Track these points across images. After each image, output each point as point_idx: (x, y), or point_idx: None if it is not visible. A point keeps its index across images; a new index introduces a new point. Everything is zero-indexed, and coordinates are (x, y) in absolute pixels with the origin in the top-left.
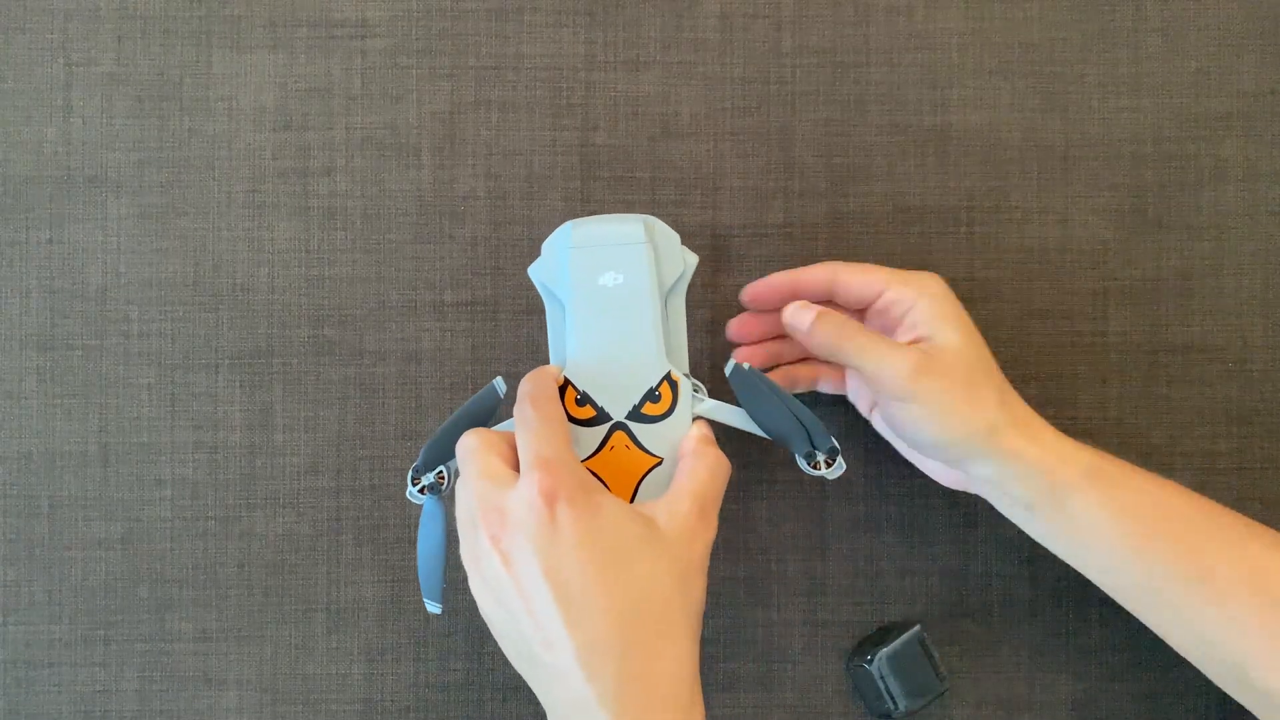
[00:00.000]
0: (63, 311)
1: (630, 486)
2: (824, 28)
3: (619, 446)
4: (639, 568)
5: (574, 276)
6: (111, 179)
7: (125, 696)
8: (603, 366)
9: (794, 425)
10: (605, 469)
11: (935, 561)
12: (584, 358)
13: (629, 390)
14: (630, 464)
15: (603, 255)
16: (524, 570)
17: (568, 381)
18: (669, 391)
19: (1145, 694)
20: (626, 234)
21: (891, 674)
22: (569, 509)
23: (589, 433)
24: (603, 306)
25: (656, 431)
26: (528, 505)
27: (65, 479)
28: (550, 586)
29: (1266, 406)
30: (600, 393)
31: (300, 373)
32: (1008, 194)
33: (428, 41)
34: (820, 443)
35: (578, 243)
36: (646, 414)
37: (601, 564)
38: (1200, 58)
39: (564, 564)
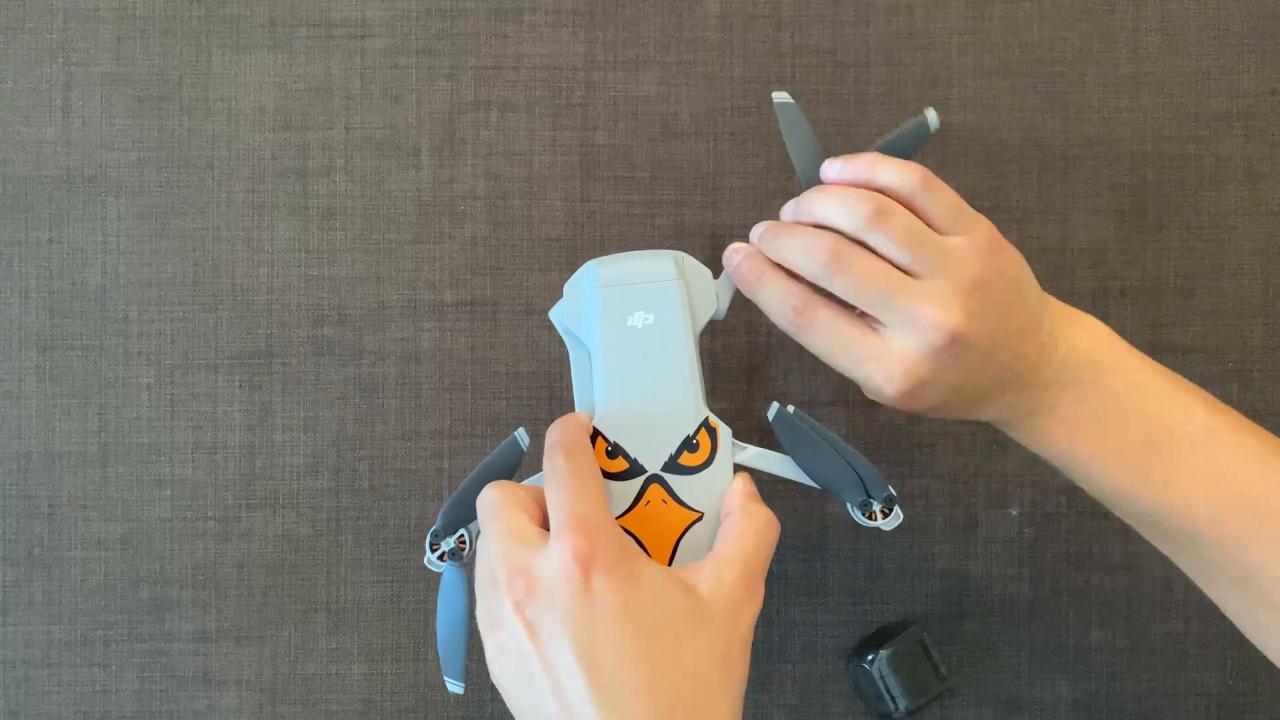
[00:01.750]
0: (62, 311)
1: (669, 546)
2: (824, 27)
3: (655, 501)
4: (681, 647)
5: (601, 317)
6: (111, 179)
7: (124, 697)
8: (635, 414)
9: (846, 472)
10: (641, 527)
11: (935, 561)
12: (614, 405)
13: (664, 439)
14: (668, 521)
15: (632, 294)
16: (553, 646)
17: (597, 432)
18: (707, 439)
19: (1145, 694)
20: (657, 271)
21: (892, 674)
22: (606, 579)
23: (622, 487)
24: (633, 349)
25: (696, 484)
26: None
27: (65, 479)
28: (583, 668)
29: (1267, 407)
30: (633, 443)
31: (300, 373)
32: (1007, 193)
33: (427, 41)
34: (876, 491)
35: (605, 281)
36: (684, 465)
37: (640, 642)
38: (1200, 57)
39: (599, 642)
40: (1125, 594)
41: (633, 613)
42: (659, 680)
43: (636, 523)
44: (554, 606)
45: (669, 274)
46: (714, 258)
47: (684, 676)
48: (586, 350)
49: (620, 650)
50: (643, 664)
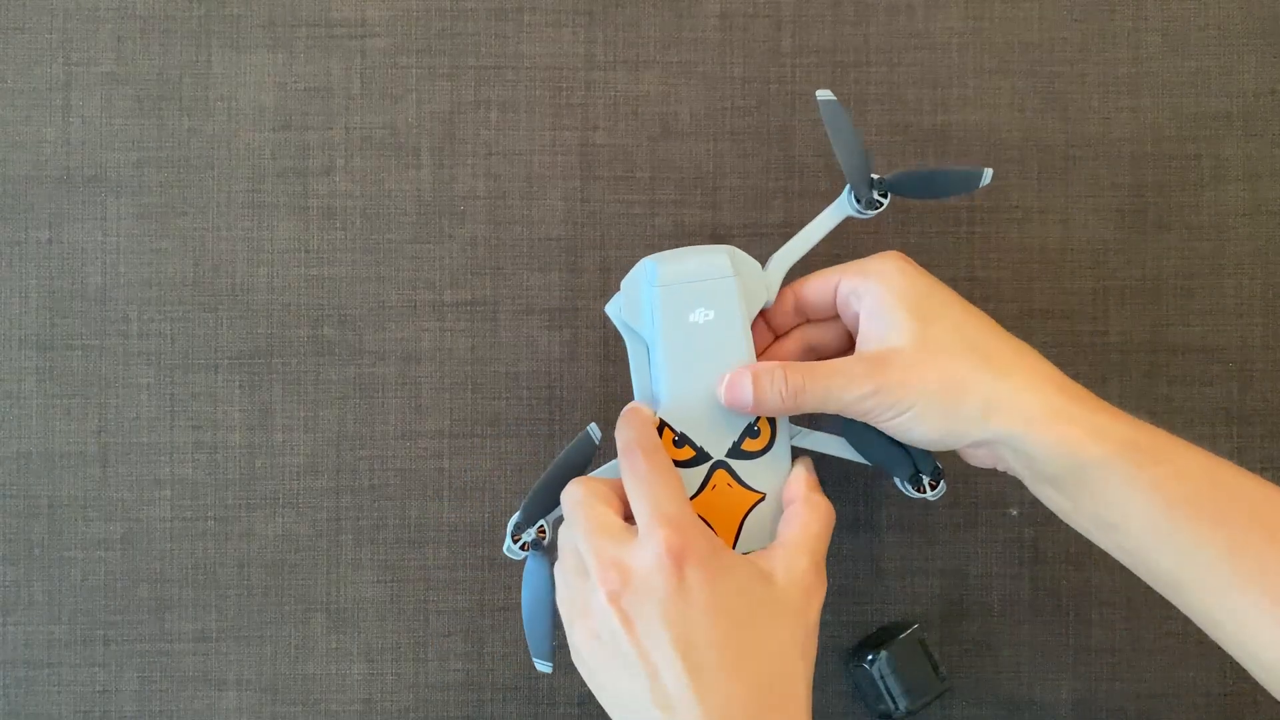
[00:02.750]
0: (62, 311)
1: (734, 525)
2: (824, 27)
3: (721, 485)
4: (766, 633)
5: (663, 315)
6: (111, 179)
7: (125, 697)
8: (699, 405)
9: (897, 450)
10: (709, 509)
11: (935, 562)
12: (679, 397)
13: (727, 427)
14: (733, 502)
15: (692, 291)
16: (649, 635)
17: (664, 423)
18: (767, 425)
19: (1145, 694)
20: (714, 267)
21: (891, 674)
22: (699, 571)
23: (690, 473)
24: (695, 344)
25: (758, 467)
26: (655, 566)
27: (64, 479)
28: (679, 654)
29: (1267, 407)
30: (698, 432)
31: (300, 373)
32: (1008, 193)
33: (427, 41)
34: (925, 465)
35: (664, 280)
36: (746, 450)
37: (731, 630)
38: (1200, 57)
39: (695, 631)
40: (1125, 594)
41: (723, 603)
42: (748, 664)
43: (705, 506)
44: (651, 599)
45: (725, 270)
46: None
47: (769, 660)
48: (644, 343)
49: (712, 637)
50: (732, 650)
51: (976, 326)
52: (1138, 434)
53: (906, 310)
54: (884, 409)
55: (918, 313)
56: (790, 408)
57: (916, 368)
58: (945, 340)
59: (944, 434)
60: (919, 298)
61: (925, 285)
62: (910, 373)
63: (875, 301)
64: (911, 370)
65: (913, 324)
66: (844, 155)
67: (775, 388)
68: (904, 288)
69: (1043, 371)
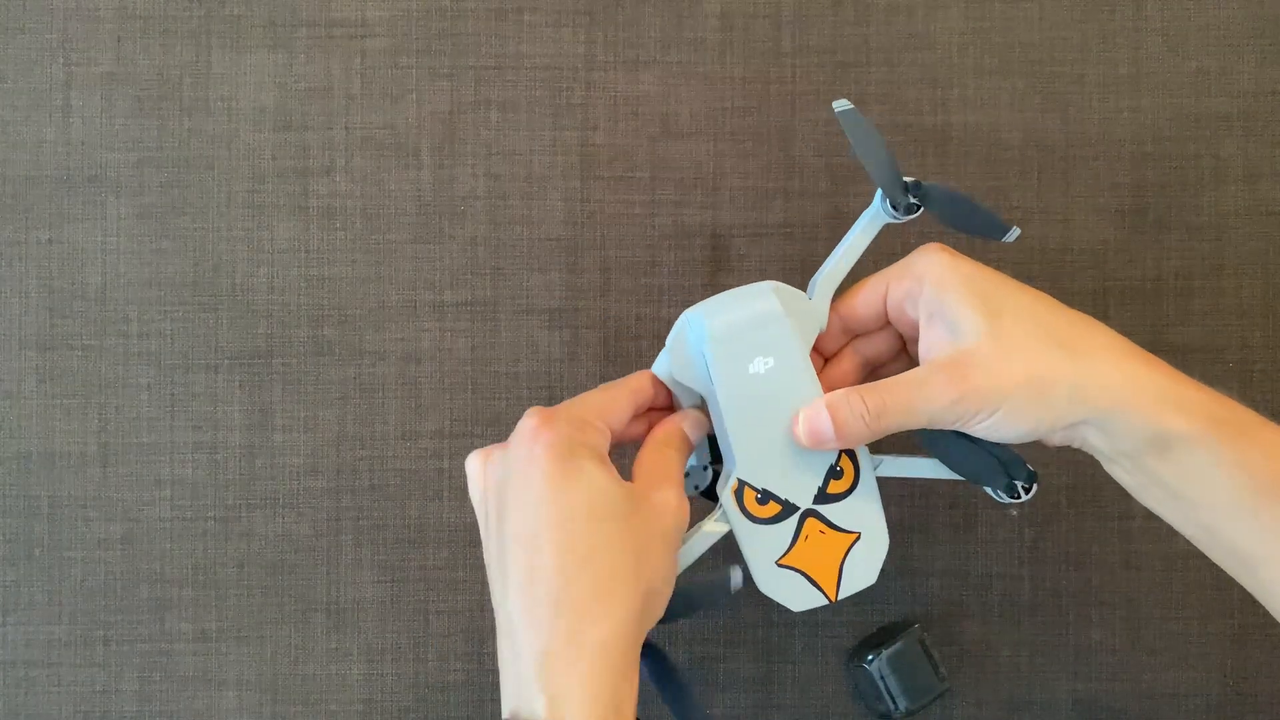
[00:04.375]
0: (62, 311)
1: (835, 569)
2: (824, 27)
3: (813, 535)
4: (597, 528)
5: (720, 371)
6: (111, 179)
7: (125, 697)
8: (775, 456)
9: (988, 460)
10: (806, 560)
11: (935, 562)
12: (753, 453)
13: (810, 473)
14: (830, 548)
15: (747, 342)
16: (491, 499)
17: (742, 483)
18: (849, 463)
19: (1145, 694)
20: (764, 312)
21: (891, 674)
22: (547, 451)
23: (779, 529)
24: (759, 394)
25: (847, 508)
26: (518, 438)
27: (65, 479)
28: (511, 525)
29: (1268, 407)
30: (780, 484)
31: (300, 373)
32: (1008, 194)
33: (428, 41)
34: (1019, 472)
35: (716, 335)
36: (833, 493)
37: (553, 507)
38: (1200, 58)
39: (519, 501)
40: (1125, 594)
41: (557, 481)
42: (565, 544)
43: (801, 557)
44: (506, 466)
45: (776, 312)
46: (714, 258)
47: (594, 551)
48: (698, 396)
49: (529, 511)
50: (551, 529)
51: (1043, 309)
52: (1222, 409)
53: (969, 306)
54: (972, 414)
55: (982, 306)
56: (876, 431)
57: (997, 366)
58: (1017, 331)
59: (1035, 426)
60: (979, 290)
61: (980, 276)
62: (992, 373)
63: (934, 302)
64: (992, 370)
65: (980, 320)
66: (871, 162)
67: (856, 414)
68: (959, 283)
69: (1119, 346)
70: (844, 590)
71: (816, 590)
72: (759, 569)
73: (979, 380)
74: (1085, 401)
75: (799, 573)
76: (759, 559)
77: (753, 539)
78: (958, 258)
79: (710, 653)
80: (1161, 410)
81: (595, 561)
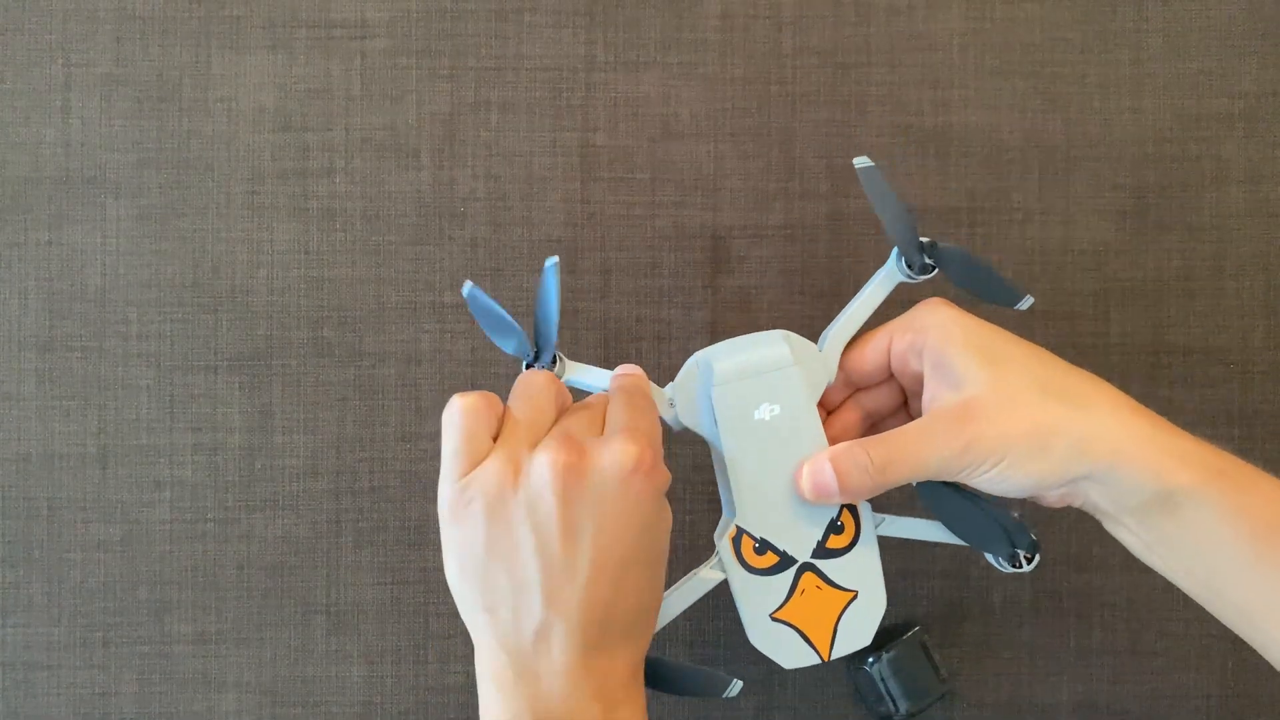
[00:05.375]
0: (61, 313)
1: (829, 627)
2: (825, 28)
3: (810, 589)
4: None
5: (724, 415)
6: (110, 180)
7: (124, 699)
8: (776, 506)
9: (993, 528)
10: (800, 615)
11: (936, 563)
12: (754, 501)
13: (810, 526)
14: (826, 605)
15: (753, 388)
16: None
17: (741, 530)
18: (850, 518)
19: (1146, 695)
20: (773, 359)
21: (892, 676)
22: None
23: (775, 580)
24: (763, 442)
25: (846, 564)
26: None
27: (64, 481)
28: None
29: (1268, 408)
30: (779, 535)
31: (299, 374)
32: (1009, 195)
33: (428, 42)
34: (1021, 541)
35: (722, 379)
36: (832, 548)
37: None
38: (1202, 59)
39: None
40: (1126, 596)
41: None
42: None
43: (795, 612)
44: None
45: (786, 360)
46: (714, 259)
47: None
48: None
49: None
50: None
51: (1045, 364)
52: (1221, 461)
53: (973, 358)
54: (977, 464)
55: (985, 359)
56: (880, 485)
57: (1001, 416)
58: (1020, 384)
59: (1039, 478)
60: (981, 343)
61: (983, 330)
62: (996, 422)
63: (937, 355)
64: (996, 419)
65: (984, 372)
66: (889, 221)
67: (860, 466)
68: (963, 336)
69: (1119, 401)
70: (837, 650)
71: (809, 648)
72: (752, 621)
73: (984, 429)
74: (1087, 454)
75: (793, 628)
76: (753, 610)
77: (748, 589)
78: (960, 312)
79: (711, 655)
80: (1164, 463)
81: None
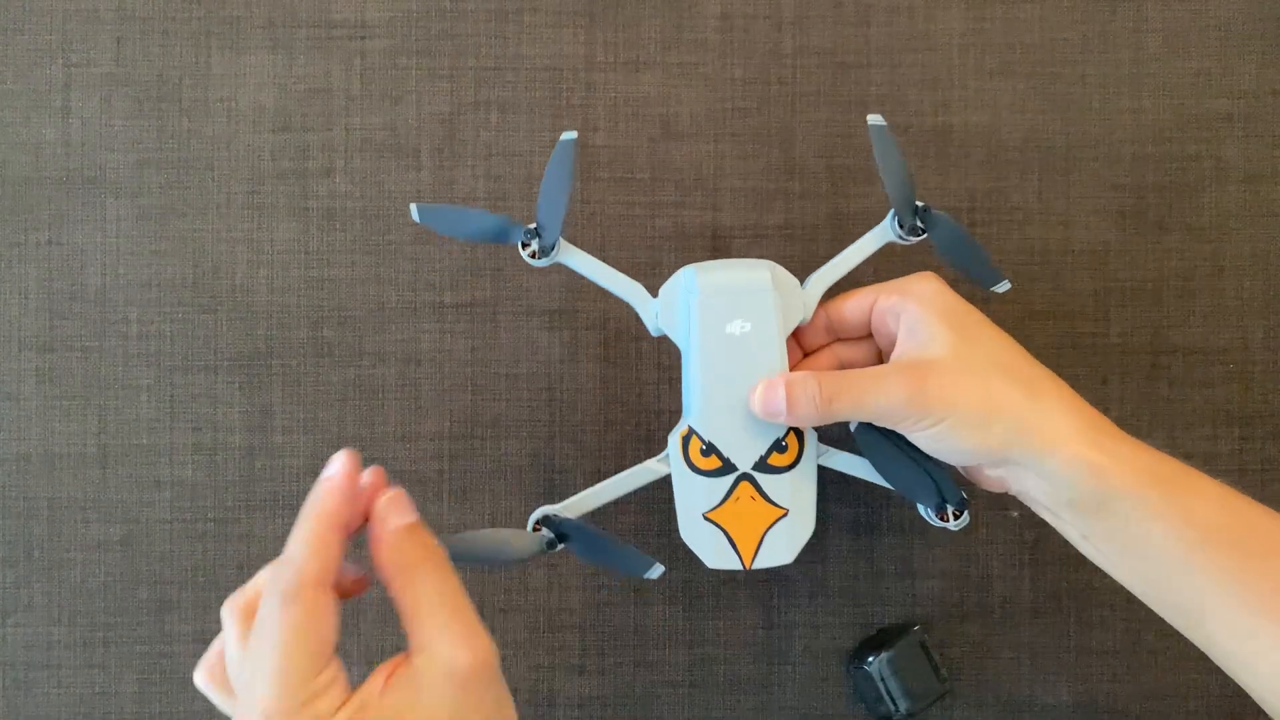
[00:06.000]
0: (61, 313)
1: (756, 539)
2: (825, 28)
3: (744, 498)
4: None
5: (700, 324)
6: (110, 180)
7: (124, 698)
8: (730, 416)
9: (923, 478)
10: (731, 520)
11: (935, 563)
12: (710, 406)
13: (756, 440)
14: (756, 516)
15: (730, 303)
16: None
17: (692, 430)
18: (795, 441)
19: (1146, 695)
20: (754, 281)
21: (892, 676)
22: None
23: (715, 483)
24: (730, 354)
25: (782, 483)
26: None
27: (64, 480)
28: None
29: (1267, 408)
30: (727, 443)
31: (299, 374)
32: (1008, 195)
33: (427, 42)
34: (950, 495)
35: (704, 290)
36: (773, 465)
37: None
38: (1201, 58)
39: None
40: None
41: None
42: None
43: (726, 517)
44: None
45: (765, 284)
46: (715, 258)
47: None
48: (678, 349)
49: None
50: None
51: (1012, 351)
52: (1161, 465)
53: (945, 326)
54: (918, 418)
55: (956, 331)
56: (824, 416)
57: (953, 381)
58: (982, 359)
59: (975, 449)
60: (957, 318)
61: (962, 307)
62: (947, 385)
63: (914, 318)
64: (948, 382)
65: (951, 339)
66: (890, 181)
67: (809, 395)
68: (943, 307)
69: (1072, 400)
70: (760, 561)
71: (734, 553)
72: (686, 517)
73: (933, 387)
74: (1025, 439)
75: (722, 531)
76: (688, 507)
77: (687, 485)
78: (947, 288)
79: (711, 654)
80: (1102, 463)
81: None
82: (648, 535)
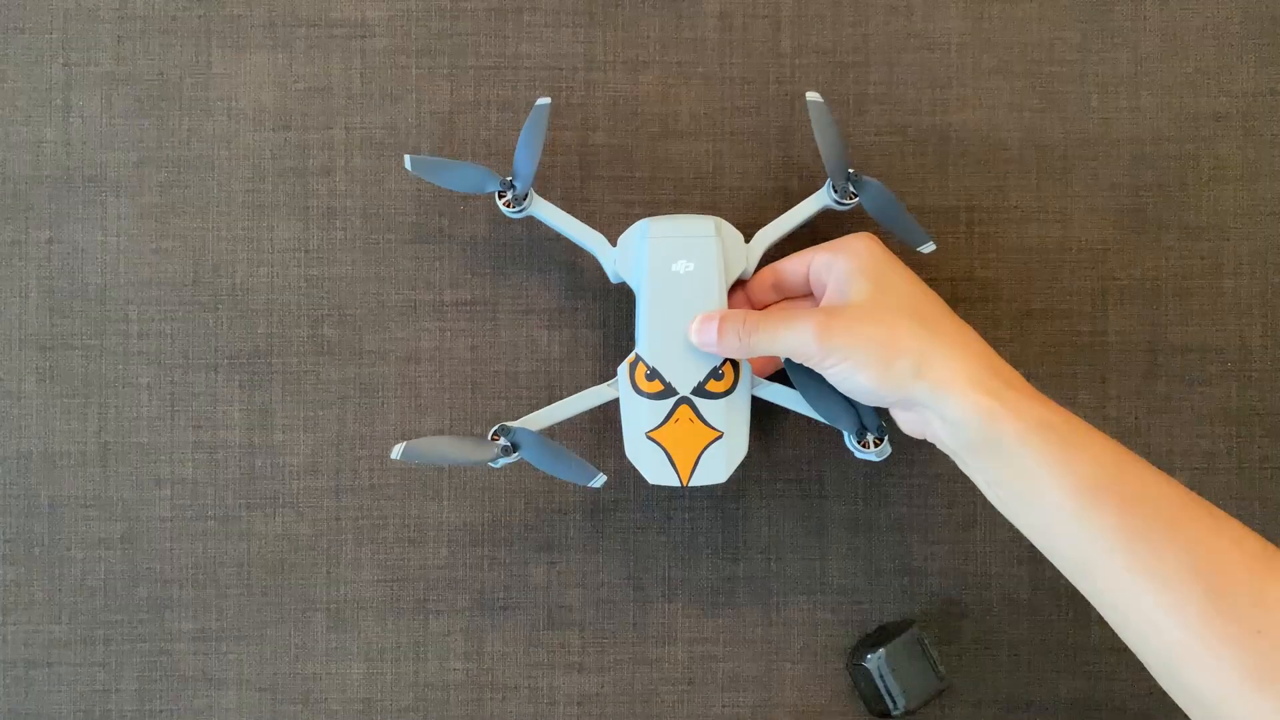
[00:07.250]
0: (62, 311)
1: (693, 457)
2: (824, 28)
3: (684, 420)
4: None
5: (650, 263)
6: (111, 179)
7: (124, 696)
8: (672, 345)
9: (845, 408)
10: (670, 440)
11: (934, 561)
12: (656, 336)
13: (695, 367)
14: (693, 436)
15: (677, 245)
16: None
17: (639, 358)
18: (731, 371)
19: (1144, 693)
20: (699, 228)
21: (890, 673)
22: None
23: (657, 405)
24: (675, 290)
25: (718, 407)
26: None
27: (65, 479)
28: None
29: (1265, 406)
30: (669, 369)
31: (300, 373)
32: (1007, 194)
33: (427, 41)
34: (871, 423)
35: (655, 234)
36: (710, 390)
37: None
38: (1199, 58)
39: None
40: None
41: None
42: None
43: (667, 436)
44: None
45: (709, 231)
46: None
47: None
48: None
49: None
50: None
51: (926, 300)
52: (1053, 415)
53: (865, 278)
54: (825, 355)
55: (874, 279)
56: (746, 349)
57: (860, 321)
58: (893, 305)
59: (877, 385)
60: (879, 268)
61: (888, 261)
62: (853, 324)
63: (841, 271)
64: (854, 322)
65: (867, 287)
66: (827, 151)
67: (734, 330)
68: (870, 261)
69: (976, 348)
70: (695, 479)
71: (672, 470)
72: (631, 435)
73: (839, 327)
74: (922, 378)
75: (662, 449)
76: (633, 426)
77: (633, 407)
78: (878, 245)
79: (710, 652)
80: (991, 407)
81: None
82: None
